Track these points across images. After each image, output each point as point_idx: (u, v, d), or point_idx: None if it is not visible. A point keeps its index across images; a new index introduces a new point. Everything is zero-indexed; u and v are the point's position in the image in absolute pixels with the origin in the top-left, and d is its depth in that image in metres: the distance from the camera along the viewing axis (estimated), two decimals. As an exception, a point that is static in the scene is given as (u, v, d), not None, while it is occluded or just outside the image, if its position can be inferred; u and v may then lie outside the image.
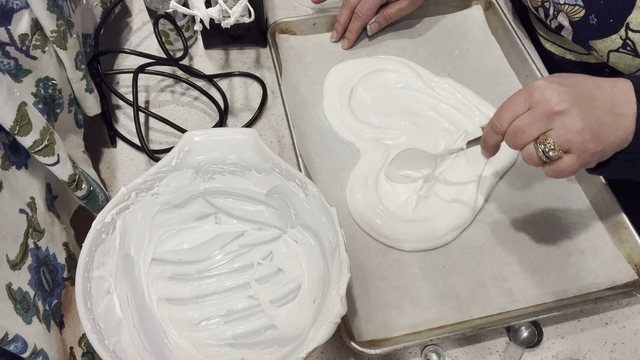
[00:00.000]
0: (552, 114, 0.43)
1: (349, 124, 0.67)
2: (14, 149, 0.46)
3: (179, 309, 0.52)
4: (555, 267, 0.59)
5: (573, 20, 0.62)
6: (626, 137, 0.45)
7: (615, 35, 0.58)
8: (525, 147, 0.46)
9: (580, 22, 0.61)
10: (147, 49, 0.76)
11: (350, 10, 0.73)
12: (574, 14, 0.61)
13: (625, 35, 0.57)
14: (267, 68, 0.75)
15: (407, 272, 0.58)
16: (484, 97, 0.70)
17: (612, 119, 0.44)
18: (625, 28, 0.57)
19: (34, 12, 0.48)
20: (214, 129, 0.58)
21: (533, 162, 0.46)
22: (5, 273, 0.41)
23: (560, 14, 0.63)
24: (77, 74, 0.56)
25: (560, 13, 0.63)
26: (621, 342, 0.56)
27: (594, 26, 0.60)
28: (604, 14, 0.59)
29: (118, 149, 0.68)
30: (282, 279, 0.54)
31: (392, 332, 0.54)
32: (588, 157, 0.44)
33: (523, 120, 0.45)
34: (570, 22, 0.62)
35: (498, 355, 0.55)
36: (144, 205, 0.51)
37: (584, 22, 0.61)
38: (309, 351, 0.41)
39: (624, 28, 0.57)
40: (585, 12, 0.60)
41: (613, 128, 0.44)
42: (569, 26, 0.63)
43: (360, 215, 0.60)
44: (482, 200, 0.62)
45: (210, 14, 0.62)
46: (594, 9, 0.59)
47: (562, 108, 0.43)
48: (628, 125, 0.45)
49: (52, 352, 0.43)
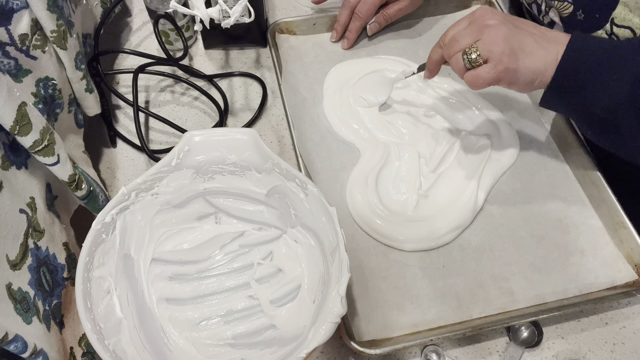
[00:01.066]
0: (483, 27, 0.51)
1: (349, 124, 0.67)
2: (14, 149, 0.46)
3: (179, 309, 0.52)
4: (555, 267, 0.59)
5: (563, 16, 0.62)
6: (545, 69, 0.50)
7: (601, 31, 0.59)
8: (455, 54, 0.53)
9: (569, 18, 0.62)
10: (147, 49, 0.76)
11: (350, 10, 0.73)
12: (564, 9, 0.62)
13: (610, 30, 0.58)
14: (267, 68, 0.75)
15: (407, 272, 0.58)
16: (484, 97, 0.70)
17: (534, 46, 0.50)
18: (610, 23, 0.57)
19: (34, 12, 0.48)
20: (214, 129, 0.58)
21: (458, 68, 0.53)
22: (5, 273, 0.41)
23: (552, 10, 0.64)
24: (77, 74, 0.56)
25: (551, 9, 0.64)
26: (621, 342, 0.56)
27: (582, 22, 0.60)
28: (590, 10, 0.59)
29: (118, 149, 0.68)
30: (282, 279, 0.54)
31: (392, 332, 0.54)
32: (502, 69, 0.50)
33: (460, 32, 0.53)
34: (561, 18, 0.63)
35: (498, 355, 0.55)
36: (144, 205, 0.51)
37: (573, 18, 0.61)
38: (309, 351, 0.41)
39: (609, 23, 0.58)
40: (573, 8, 0.61)
41: (532, 54, 0.50)
42: (560, 22, 0.64)
43: (360, 215, 0.60)
44: (482, 200, 0.62)
45: (210, 14, 0.62)
46: (581, 4, 0.60)
47: (492, 23, 0.51)
48: (548, 58, 0.50)
49: (52, 352, 0.43)
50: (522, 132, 0.68)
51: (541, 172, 0.65)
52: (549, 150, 0.67)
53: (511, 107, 0.70)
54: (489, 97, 0.71)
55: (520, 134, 0.68)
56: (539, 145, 0.67)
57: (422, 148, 0.66)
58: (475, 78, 0.51)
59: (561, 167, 0.66)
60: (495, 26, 0.51)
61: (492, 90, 0.72)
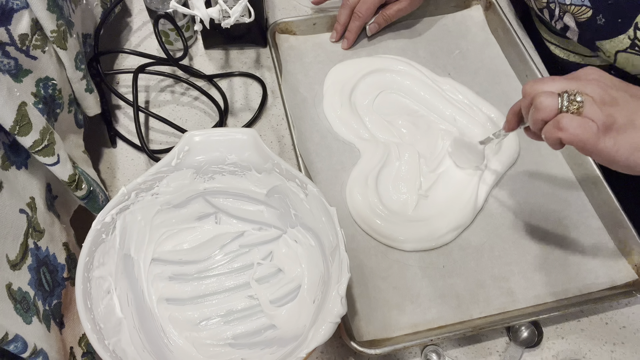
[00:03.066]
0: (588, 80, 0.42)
1: (349, 124, 0.67)
2: (14, 149, 0.46)
3: (179, 309, 0.52)
4: (555, 267, 0.59)
5: (579, 21, 0.61)
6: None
7: (624, 35, 0.58)
8: (547, 96, 0.42)
9: (587, 22, 0.61)
10: (147, 49, 0.76)
11: (349, 10, 0.73)
12: (581, 14, 0.60)
13: (634, 35, 0.57)
14: (267, 68, 0.75)
15: (407, 272, 0.58)
16: (484, 97, 0.70)
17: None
18: (634, 28, 0.57)
19: (34, 12, 0.47)
20: (214, 129, 0.58)
21: (549, 108, 0.42)
22: (5, 273, 0.41)
23: (566, 14, 0.63)
24: (77, 74, 0.56)
25: (566, 14, 0.63)
26: (621, 342, 0.56)
27: (602, 26, 0.59)
28: (612, 14, 0.58)
29: (118, 149, 0.68)
30: (282, 279, 0.54)
31: (392, 332, 0.54)
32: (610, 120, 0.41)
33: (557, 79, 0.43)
34: (577, 23, 0.62)
35: (498, 355, 0.55)
36: (144, 205, 0.51)
37: (592, 23, 0.60)
38: (309, 351, 0.41)
39: (633, 28, 0.57)
40: (592, 12, 0.59)
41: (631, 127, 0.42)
42: (575, 27, 0.63)
43: (360, 215, 0.60)
44: (482, 200, 0.62)
45: (210, 14, 0.62)
46: (602, 8, 0.59)
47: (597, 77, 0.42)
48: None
49: (52, 352, 0.43)
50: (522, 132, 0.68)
51: (541, 172, 0.65)
52: (548, 150, 0.67)
53: (511, 107, 0.70)
54: (489, 97, 0.71)
55: (521, 133, 0.67)
56: (539, 145, 0.67)
57: (422, 148, 0.66)
58: (572, 121, 0.40)
59: (561, 167, 0.66)
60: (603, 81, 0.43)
61: (492, 90, 0.72)
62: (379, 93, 0.71)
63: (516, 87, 0.72)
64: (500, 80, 0.73)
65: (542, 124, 0.43)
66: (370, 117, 0.68)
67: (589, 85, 0.42)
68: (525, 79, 0.72)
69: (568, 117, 0.41)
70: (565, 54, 0.72)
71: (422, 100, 0.70)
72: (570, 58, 0.71)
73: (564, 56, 0.73)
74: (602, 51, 0.62)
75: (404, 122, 0.68)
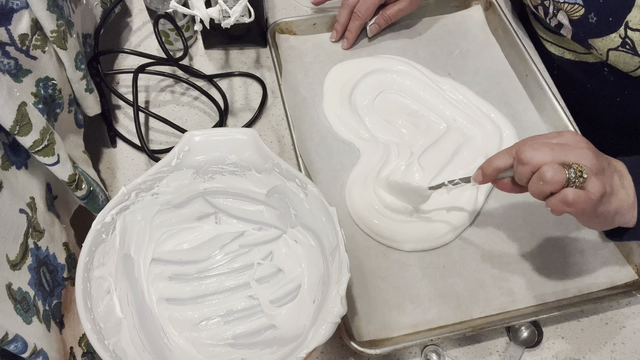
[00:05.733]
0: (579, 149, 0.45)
1: (349, 124, 0.67)
2: (14, 149, 0.46)
3: (179, 309, 0.52)
4: (555, 267, 0.59)
5: (572, 19, 0.62)
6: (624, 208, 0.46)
7: (615, 34, 0.58)
8: (550, 165, 0.44)
9: (579, 20, 0.61)
10: (147, 49, 0.76)
11: (349, 10, 0.73)
12: (574, 12, 0.61)
13: (624, 34, 0.57)
14: (267, 68, 0.75)
15: (407, 272, 0.58)
16: (484, 97, 0.70)
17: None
18: (624, 26, 0.57)
19: (34, 12, 0.48)
20: (214, 129, 0.58)
21: (558, 183, 0.43)
22: (5, 273, 0.41)
23: (560, 12, 0.63)
24: (77, 74, 0.56)
25: (559, 11, 0.63)
26: (621, 342, 0.56)
27: (594, 24, 0.60)
28: (603, 13, 0.59)
29: (118, 149, 0.68)
30: (282, 279, 0.54)
31: (392, 332, 0.54)
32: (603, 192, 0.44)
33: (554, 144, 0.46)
34: (570, 21, 0.62)
35: (498, 355, 0.55)
36: (144, 205, 0.51)
37: (584, 21, 0.61)
38: (309, 351, 0.41)
39: (623, 26, 0.57)
40: (584, 10, 0.60)
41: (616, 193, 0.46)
42: (569, 24, 0.63)
43: (359, 216, 0.60)
44: (482, 200, 0.62)
45: (210, 14, 0.62)
46: (594, 7, 0.59)
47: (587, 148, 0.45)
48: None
49: (52, 352, 0.43)
50: (523, 132, 0.68)
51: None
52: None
53: (511, 107, 0.70)
54: (489, 97, 0.71)
55: (521, 133, 0.68)
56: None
57: (422, 148, 0.66)
58: (583, 199, 0.43)
59: (561, 167, 0.66)
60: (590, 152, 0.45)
61: (492, 90, 0.72)
62: (379, 93, 0.71)
63: (516, 87, 0.72)
64: (500, 80, 0.73)
65: (547, 194, 0.45)
66: (370, 117, 0.68)
67: (584, 156, 0.44)
68: (525, 78, 0.72)
69: (574, 193, 0.43)
70: (560, 51, 0.72)
71: (422, 100, 0.70)
72: (565, 55, 0.72)
73: (558, 53, 0.73)
74: (594, 49, 0.62)
75: (404, 122, 0.68)
